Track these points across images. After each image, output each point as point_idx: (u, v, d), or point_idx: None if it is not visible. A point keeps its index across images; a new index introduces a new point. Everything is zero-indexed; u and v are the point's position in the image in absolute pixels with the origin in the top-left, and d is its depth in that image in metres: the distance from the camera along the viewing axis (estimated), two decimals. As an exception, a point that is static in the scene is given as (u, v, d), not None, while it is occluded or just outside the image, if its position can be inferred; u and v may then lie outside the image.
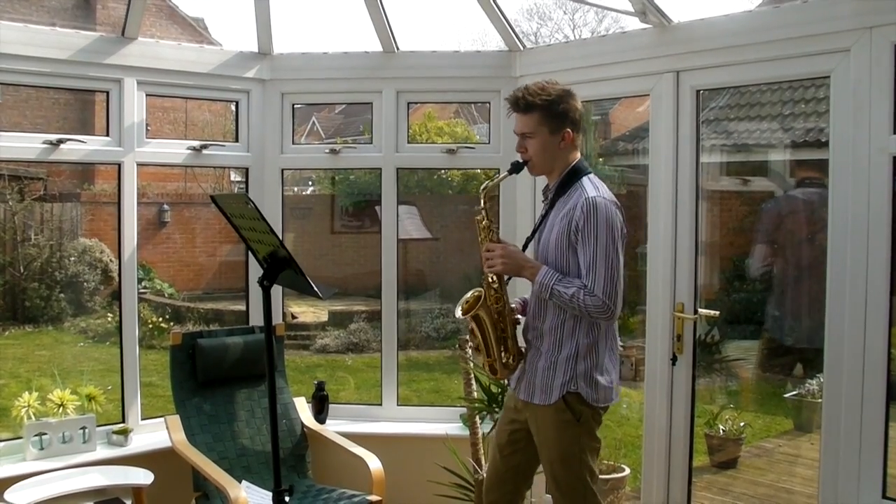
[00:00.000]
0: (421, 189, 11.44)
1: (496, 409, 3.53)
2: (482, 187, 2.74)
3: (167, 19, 15.32)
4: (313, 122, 17.47)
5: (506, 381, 3.07)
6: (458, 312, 2.78)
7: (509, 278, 2.80)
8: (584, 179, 2.70)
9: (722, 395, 5.95)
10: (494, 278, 2.74)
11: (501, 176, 2.82)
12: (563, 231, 2.63)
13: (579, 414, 2.64)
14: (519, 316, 2.85)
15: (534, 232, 2.83)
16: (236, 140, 4.23)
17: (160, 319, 9.51)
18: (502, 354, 2.76)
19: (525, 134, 2.70)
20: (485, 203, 2.74)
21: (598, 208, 2.58)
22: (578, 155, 2.75)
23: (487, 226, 2.74)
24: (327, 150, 4.36)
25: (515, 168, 2.74)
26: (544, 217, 2.78)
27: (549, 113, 2.66)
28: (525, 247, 2.84)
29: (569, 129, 2.69)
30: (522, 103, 2.67)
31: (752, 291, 6.47)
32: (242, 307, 4.41)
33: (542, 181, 2.98)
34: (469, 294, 2.79)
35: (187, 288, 11.49)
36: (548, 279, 2.61)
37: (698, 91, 3.43)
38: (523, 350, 2.81)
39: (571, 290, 2.57)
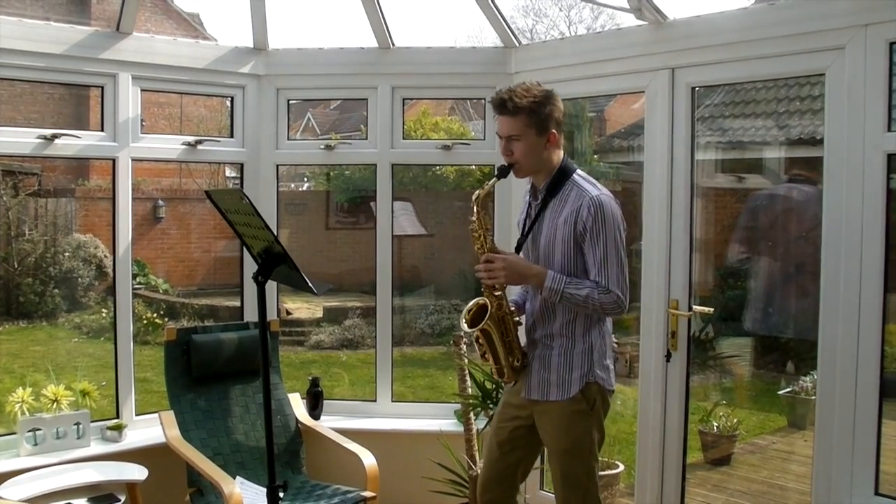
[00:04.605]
0: (416, 185, 11.44)
1: (490, 406, 3.54)
2: (474, 196, 2.70)
3: (162, 14, 15.28)
4: (308, 118, 17.46)
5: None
6: (464, 326, 2.75)
7: None
8: (576, 178, 2.71)
9: (716, 391, 5.97)
10: (496, 287, 2.72)
11: (491, 183, 2.76)
12: (569, 232, 2.63)
13: (593, 402, 2.68)
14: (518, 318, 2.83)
15: (526, 233, 2.80)
16: (231, 136, 4.22)
17: (155, 315, 9.50)
18: (510, 359, 2.76)
19: (512, 136, 2.68)
20: (478, 211, 2.70)
21: (605, 206, 2.60)
22: (562, 153, 2.76)
23: (482, 234, 2.71)
24: (322, 146, 4.35)
25: (502, 172, 2.72)
26: (537, 217, 2.76)
27: (536, 115, 2.64)
28: (518, 248, 2.82)
29: (554, 131, 2.69)
30: (510, 105, 2.64)
31: (746, 289, 6.48)
32: (237, 303, 4.41)
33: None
34: (471, 304, 2.77)
35: (182, 284, 11.49)
36: (557, 284, 2.61)
37: (693, 88, 3.42)
38: (524, 349, 2.80)
39: (585, 291, 2.58)
